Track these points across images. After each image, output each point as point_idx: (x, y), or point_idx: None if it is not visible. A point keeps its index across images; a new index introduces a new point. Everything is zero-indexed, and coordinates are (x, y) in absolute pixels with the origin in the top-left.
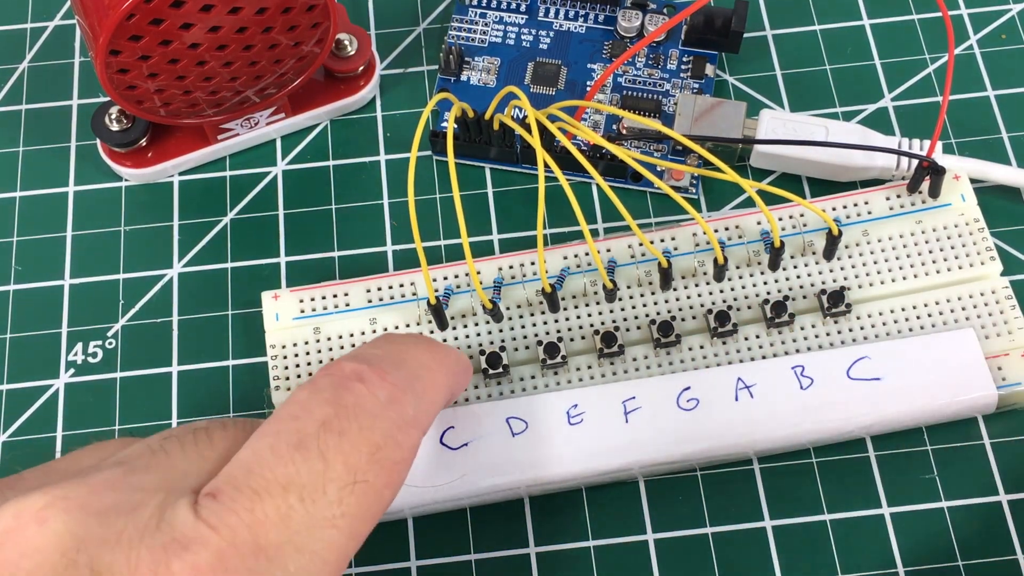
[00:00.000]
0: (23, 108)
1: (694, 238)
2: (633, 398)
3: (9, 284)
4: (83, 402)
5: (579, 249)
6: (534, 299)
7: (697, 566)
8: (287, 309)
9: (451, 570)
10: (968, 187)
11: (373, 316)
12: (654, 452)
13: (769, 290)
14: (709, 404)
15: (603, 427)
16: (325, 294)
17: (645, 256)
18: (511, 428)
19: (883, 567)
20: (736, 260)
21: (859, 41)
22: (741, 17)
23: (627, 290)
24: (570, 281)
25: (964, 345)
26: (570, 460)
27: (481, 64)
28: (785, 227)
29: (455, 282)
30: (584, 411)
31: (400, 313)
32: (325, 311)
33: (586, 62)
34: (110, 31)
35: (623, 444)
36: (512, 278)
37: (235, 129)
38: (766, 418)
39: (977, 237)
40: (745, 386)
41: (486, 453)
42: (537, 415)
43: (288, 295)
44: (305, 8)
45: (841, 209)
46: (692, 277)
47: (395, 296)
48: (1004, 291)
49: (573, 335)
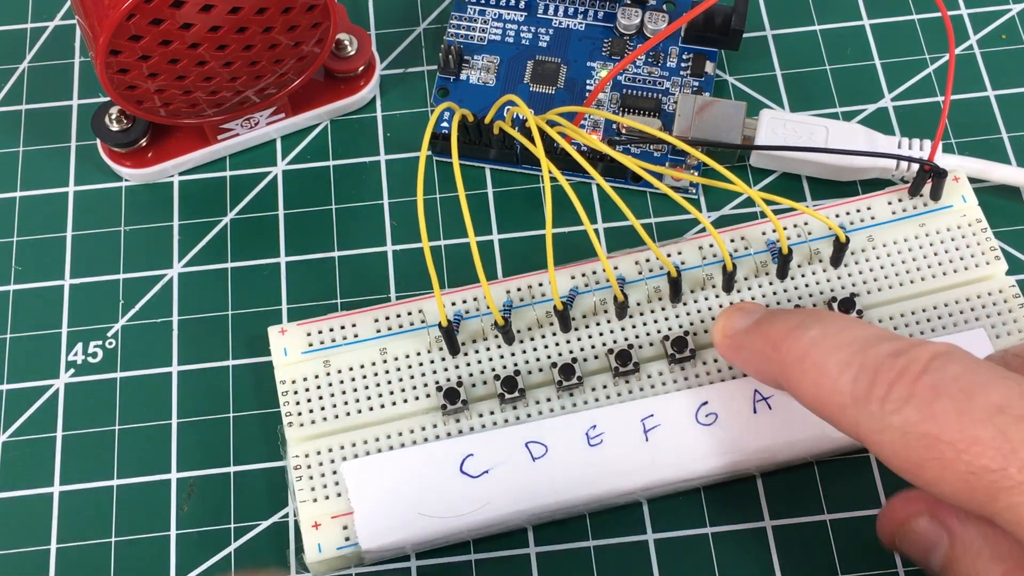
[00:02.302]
0: (23, 108)
1: (700, 251)
2: (651, 415)
3: (9, 284)
4: (83, 402)
5: (587, 268)
6: (544, 320)
7: (697, 566)
8: (295, 343)
9: (451, 570)
10: (968, 188)
11: (383, 346)
12: (677, 470)
13: (779, 299)
14: (728, 418)
15: (624, 447)
16: (332, 326)
17: (653, 272)
18: (531, 453)
19: (883, 567)
20: (744, 271)
21: (859, 41)
22: (741, 15)
23: (637, 307)
24: (580, 300)
25: (976, 346)
26: (593, 482)
27: (480, 63)
28: (790, 236)
29: (464, 307)
30: (603, 432)
31: (410, 341)
32: (334, 343)
33: (586, 60)
34: (110, 31)
35: (645, 463)
36: (521, 300)
37: (235, 129)
38: (786, 429)
39: (980, 238)
40: (763, 398)
41: (508, 479)
42: (557, 438)
43: (295, 329)
44: (305, 8)
45: (844, 216)
46: (702, 290)
47: (404, 324)
48: (1011, 290)
49: (587, 355)
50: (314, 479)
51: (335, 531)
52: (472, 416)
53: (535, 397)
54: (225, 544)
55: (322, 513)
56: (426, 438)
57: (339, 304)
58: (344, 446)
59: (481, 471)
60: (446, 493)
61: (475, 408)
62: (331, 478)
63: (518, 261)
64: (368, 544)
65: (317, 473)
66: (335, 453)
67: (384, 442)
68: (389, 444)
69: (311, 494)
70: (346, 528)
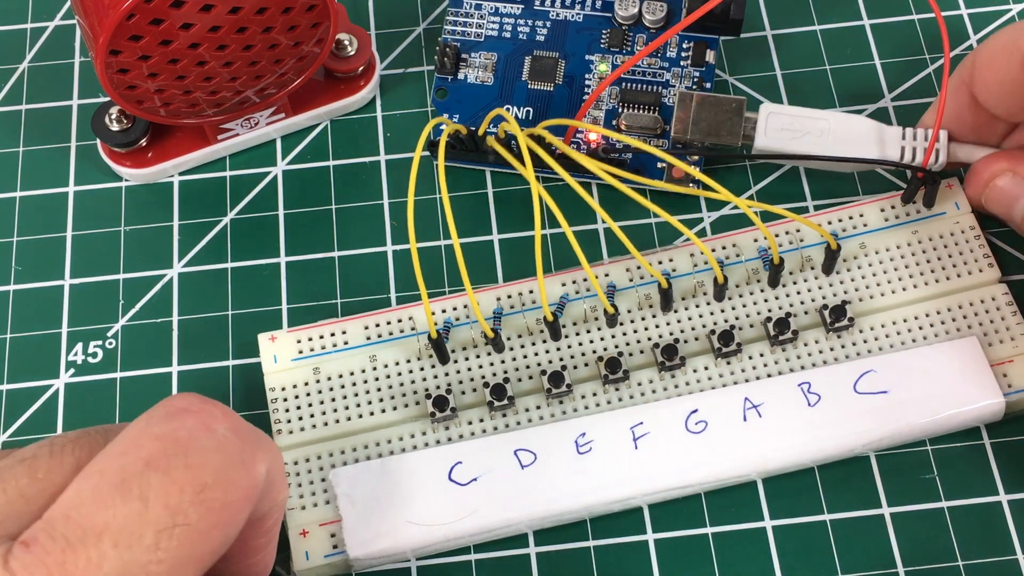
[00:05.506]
0: (23, 108)
1: (692, 259)
2: (641, 423)
3: (9, 284)
4: (83, 402)
5: (577, 275)
6: (535, 327)
7: (697, 566)
8: (285, 350)
9: (451, 570)
10: (961, 195)
11: (373, 353)
12: (666, 479)
13: (771, 307)
14: (718, 426)
15: (613, 455)
16: (323, 333)
17: (644, 279)
18: (520, 461)
19: (883, 567)
20: (735, 279)
21: (859, 41)
22: (740, 3)
23: (628, 314)
24: (570, 307)
25: (968, 354)
26: (582, 491)
27: (478, 61)
28: (782, 243)
29: (454, 314)
30: (593, 439)
31: (400, 348)
32: (324, 350)
33: (584, 53)
34: (110, 31)
35: (635, 471)
36: (511, 307)
37: (235, 129)
38: (775, 437)
39: (974, 244)
40: (753, 406)
41: (496, 487)
42: (546, 446)
43: (285, 336)
44: (305, 8)
45: (836, 223)
46: (692, 298)
47: (394, 332)
48: (1004, 297)
49: (576, 362)
50: (303, 486)
51: (323, 539)
52: (461, 424)
53: (524, 405)
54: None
55: (310, 520)
56: (415, 445)
57: (339, 304)
58: (333, 453)
59: (469, 479)
60: (434, 501)
61: (464, 416)
62: (320, 485)
63: (518, 261)
64: (356, 552)
65: (306, 480)
66: (324, 460)
67: (373, 449)
68: (378, 451)
69: (299, 501)
70: (334, 536)
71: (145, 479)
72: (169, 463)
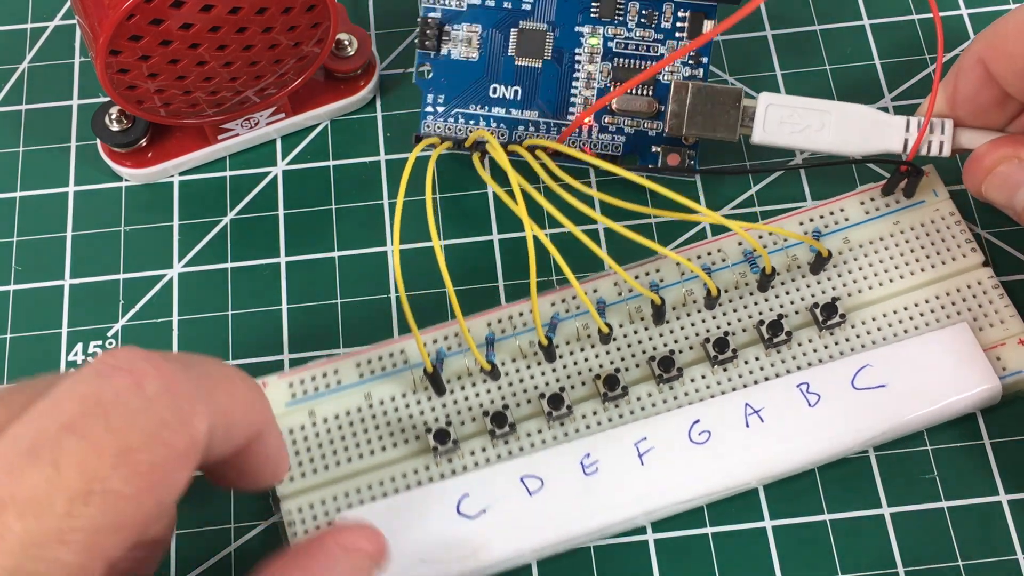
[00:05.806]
0: (23, 108)
1: (678, 267)
2: (644, 439)
3: (9, 284)
4: None
5: (566, 293)
6: (528, 350)
7: (697, 566)
8: (278, 396)
9: None
10: (939, 182)
11: (367, 391)
12: (676, 492)
13: (761, 310)
14: (721, 435)
15: (620, 473)
16: (315, 374)
17: (633, 292)
18: (527, 487)
19: (883, 567)
20: (724, 284)
21: (859, 41)
22: None
23: (620, 328)
24: (562, 327)
25: (960, 340)
26: (593, 511)
27: (461, 34)
28: (767, 243)
29: (446, 344)
30: (598, 460)
31: (395, 383)
32: (317, 392)
33: (573, 24)
34: (110, 31)
35: (643, 487)
36: (503, 332)
37: (235, 129)
38: (779, 441)
39: (955, 231)
40: (754, 411)
41: (507, 517)
42: (551, 470)
43: (277, 381)
44: (305, 8)
45: (819, 219)
46: (683, 307)
47: (387, 367)
48: (990, 281)
49: (574, 381)
50: (310, 533)
51: None
52: (464, 455)
53: (526, 430)
54: (225, 544)
55: None
56: (419, 481)
57: (339, 304)
58: (337, 497)
59: (478, 511)
60: (445, 536)
61: (466, 446)
62: None
63: (518, 261)
64: None
65: (312, 527)
66: (328, 505)
67: (377, 489)
68: (383, 491)
69: None
70: None
71: (59, 443)
72: (88, 425)
